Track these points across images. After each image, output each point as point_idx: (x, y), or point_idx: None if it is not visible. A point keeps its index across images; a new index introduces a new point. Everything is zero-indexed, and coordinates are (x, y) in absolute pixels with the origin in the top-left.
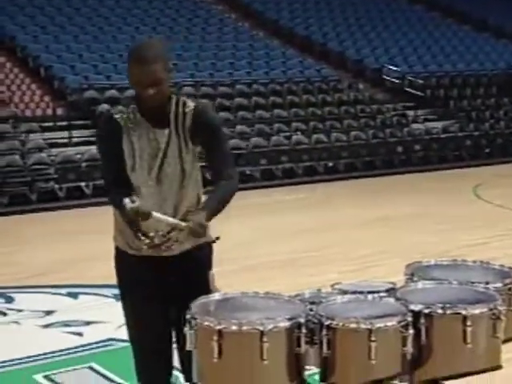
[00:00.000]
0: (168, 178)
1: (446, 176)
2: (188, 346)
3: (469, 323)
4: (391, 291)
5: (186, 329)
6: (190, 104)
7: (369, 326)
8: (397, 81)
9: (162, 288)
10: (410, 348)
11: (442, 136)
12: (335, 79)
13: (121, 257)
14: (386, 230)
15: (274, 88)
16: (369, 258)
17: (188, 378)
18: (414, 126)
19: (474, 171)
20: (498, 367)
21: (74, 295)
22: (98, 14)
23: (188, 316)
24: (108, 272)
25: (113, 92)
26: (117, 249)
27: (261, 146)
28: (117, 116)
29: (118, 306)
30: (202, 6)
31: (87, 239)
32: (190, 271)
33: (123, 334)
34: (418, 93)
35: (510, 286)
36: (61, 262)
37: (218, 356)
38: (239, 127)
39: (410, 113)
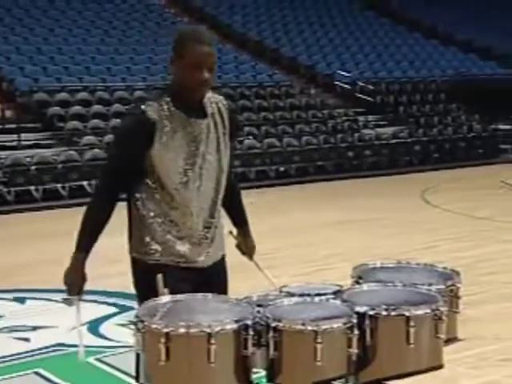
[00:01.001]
0: (208, 171)
1: (395, 181)
2: (135, 349)
3: (412, 324)
4: (338, 293)
5: (134, 332)
6: (223, 100)
7: (315, 328)
8: (348, 86)
9: None
10: (355, 349)
11: (392, 141)
12: (287, 84)
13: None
14: (336, 233)
15: (227, 92)
16: (320, 262)
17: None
18: (365, 131)
19: (422, 176)
20: (440, 366)
21: (21, 300)
22: (48, 15)
23: (135, 319)
24: (55, 275)
25: (63, 94)
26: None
27: None
28: (150, 112)
29: (67, 310)
30: (154, 9)
31: (37, 243)
32: (223, 282)
33: (73, 338)
34: (369, 98)
35: (451, 287)
36: (8, 267)
37: (166, 359)
38: None
39: (361, 118)
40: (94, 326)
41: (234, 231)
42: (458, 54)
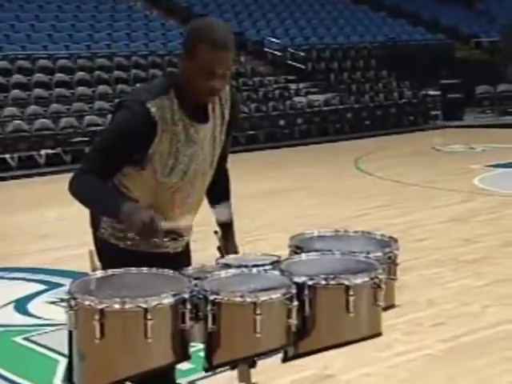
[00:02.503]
0: (200, 173)
1: (327, 149)
2: (68, 327)
3: (351, 293)
4: (276, 264)
5: (66, 309)
6: (226, 93)
7: (254, 300)
8: (278, 53)
9: None
10: (294, 320)
11: (324, 109)
12: None
13: (122, 254)
14: (269, 203)
15: (154, 60)
16: (253, 233)
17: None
18: (296, 99)
19: (354, 144)
20: (379, 334)
21: None
22: None
23: (67, 296)
24: None
25: None
26: (113, 245)
27: None
28: (153, 110)
29: None
30: None
31: None
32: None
33: None
34: (300, 66)
35: (389, 254)
36: None
37: (101, 336)
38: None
39: (292, 86)
40: (21, 304)
41: (219, 232)
42: (387, 19)
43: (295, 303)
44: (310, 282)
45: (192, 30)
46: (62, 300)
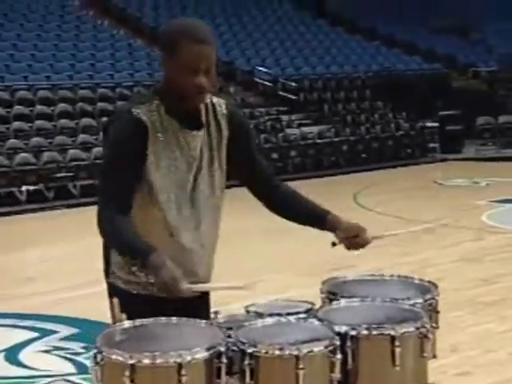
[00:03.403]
0: (203, 195)
1: (323, 183)
2: None
3: (397, 344)
4: (311, 312)
5: (91, 364)
6: (221, 103)
7: (296, 352)
8: (269, 84)
9: None
10: (337, 374)
11: (318, 141)
12: None
13: (135, 300)
14: (263, 242)
15: (140, 91)
16: (249, 274)
17: None
18: (289, 130)
19: (351, 177)
20: None
21: None
22: None
23: (94, 350)
24: None
25: None
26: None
27: None
28: (143, 117)
29: None
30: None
31: None
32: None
33: None
34: (292, 96)
35: (430, 301)
36: None
37: None
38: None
39: (284, 117)
40: (12, 354)
41: (335, 239)
42: (381, 48)
43: (339, 356)
44: (352, 332)
45: (171, 30)
46: (57, 348)
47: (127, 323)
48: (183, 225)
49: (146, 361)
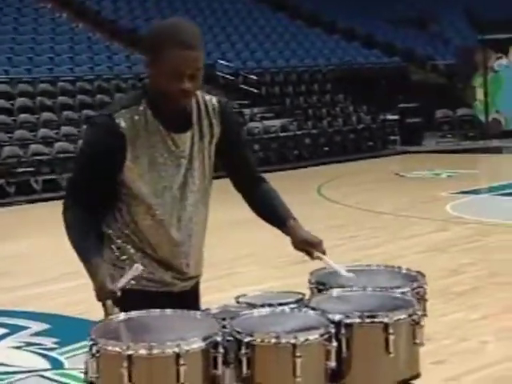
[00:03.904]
0: (193, 193)
1: (287, 176)
2: (90, 376)
3: (391, 331)
4: (302, 302)
5: (87, 357)
6: (213, 100)
7: (292, 341)
8: (231, 77)
9: None
10: (332, 362)
11: (281, 134)
12: None
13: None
14: (235, 234)
15: (100, 84)
16: (223, 266)
17: None
18: (252, 124)
19: (315, 170)
20: (418, 375)
21: None
22: None
23: (89, 342)
24: None
25: None
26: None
27: None
28: (122, 124)
29: None
30: None
31: None
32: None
33: None
34: (253, 90)
35: (418, 289)
36: None
37: None
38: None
39: (247, 111)
40: None
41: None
42: (341, 42)
43: (334, 344)
44: (346, 321)
45: (156, 33)
46: (29, 344)
47: (122, 315)
48: (171, 221)
49: (144, 351)
